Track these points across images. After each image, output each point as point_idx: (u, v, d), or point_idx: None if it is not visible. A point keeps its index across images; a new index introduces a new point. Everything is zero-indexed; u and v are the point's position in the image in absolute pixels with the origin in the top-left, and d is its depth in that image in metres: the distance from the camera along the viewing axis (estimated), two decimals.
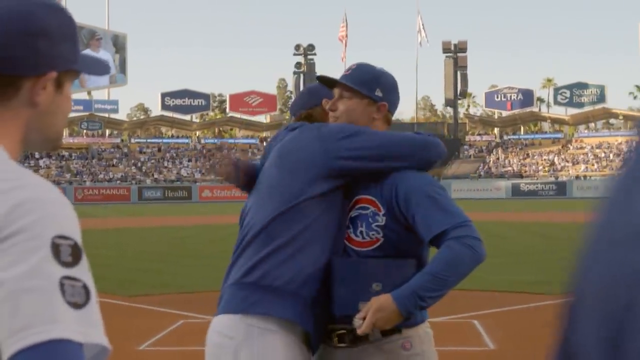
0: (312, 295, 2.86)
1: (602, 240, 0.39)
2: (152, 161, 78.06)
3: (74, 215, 1.25)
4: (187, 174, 75.07)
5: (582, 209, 41.90)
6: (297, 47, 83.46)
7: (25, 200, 1.19)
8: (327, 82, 3.16)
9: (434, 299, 2.73)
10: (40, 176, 1.29)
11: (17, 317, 1.08)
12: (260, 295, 2.82)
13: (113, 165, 75.70)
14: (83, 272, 1.17)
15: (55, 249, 1.15)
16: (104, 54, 75.15)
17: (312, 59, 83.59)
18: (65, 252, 1.16)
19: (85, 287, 1.15)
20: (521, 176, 71.56)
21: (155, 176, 73.52)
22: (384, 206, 2.92)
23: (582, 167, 72.89)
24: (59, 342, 1.08)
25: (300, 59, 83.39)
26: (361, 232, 2.93)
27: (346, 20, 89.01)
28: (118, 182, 70.17)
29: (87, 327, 1.12)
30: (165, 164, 77.54)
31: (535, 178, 69.94)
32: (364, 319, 2.71)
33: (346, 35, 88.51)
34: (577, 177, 68.41)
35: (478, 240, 2.79)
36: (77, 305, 1.12)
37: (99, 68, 1.58)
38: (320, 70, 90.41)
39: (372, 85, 3.06)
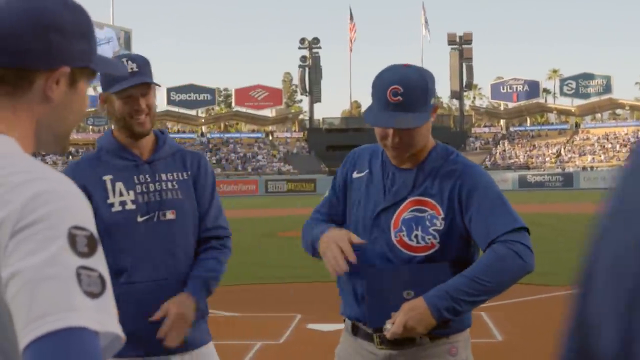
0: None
1: (619, 212, 0.40)
2: None
3: (88, 206, 1.26)
4: None
5: (590, 200, 41.84)
6: (302, 40, 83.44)
7: (41, 192, 1.20)
8: None
9: (470, 304, 2.58)
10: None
11: (35, 305, 1.10)
12: None
13: None
14: (99, 262, 1.18)
15: (72, 240, 1.16)
16: (108, 31, 75.44)
17: (317, 53, 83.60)
18: (82, 242, 1.17)
19: (100, 277, 1.16)
20: (528, 168, 71.40)
21: None
22: (444, 209, 2.75)
23: (589, 158, 72.68)
24: (75, 330, 1.08)
25: (306, 52, 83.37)
26: (416, 236, 2.75)
27: (351, 14, 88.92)
28: None
29: (102, 316, 1.13)
30: None
31: (542, 169, 69.77)
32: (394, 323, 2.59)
33: (352, 29, 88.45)
34: (584, 168, 68.21)
35: (528, 248, 2.66)
36: (93, 295, 1.13)
37: (117, 68, 1.61)
38: (325, 64, 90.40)
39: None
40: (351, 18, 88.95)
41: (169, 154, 3.15)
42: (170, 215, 3.03)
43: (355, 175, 2.95)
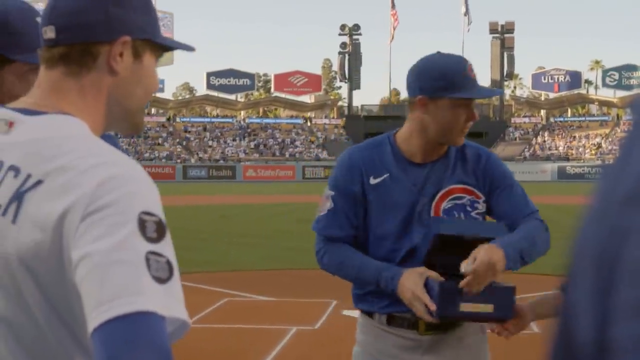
0: None
1: (599, 203, 0.43)
2: (197, 140, 78.53)
3: (157, 192, 1.28)
4: (232, 153, 75.43)
5: None
6: (343, 27, 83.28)
7: (112, 176, 1.23)
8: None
9: (523, 259, 2.63)
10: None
11: (104, 289, 1.12)
12: None
13: (158, 144, 76.27)
14: (167, 248, 1.20)
15: (142, 225, 1.18)
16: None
17: (358, 39, 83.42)
18: (151, 228, 1.19)
19: (169, 263, 1.18)
20: (567, 159, 70.71)
21: (200, 155, 73.99)
22: (482, 192, 2.85)
23: None
24: (144, 314, 1.10)
25: (346, 39, 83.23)
26: None
27: (393, 1, 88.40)
28: (163, 160, 70.69)
29: (170, 301, 1.15)
30: (210, 143, 77.97)
31: (582, 161, 69.06)
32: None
33: (395, 17, 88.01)
34: None
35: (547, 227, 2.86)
36: (161, 280, 1.15)
37: (181, 45, 1.62)
38: (365, 51, 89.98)
39: None
40: (393, 6, 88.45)
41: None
42: None
43: (372, 181, 2.84)
